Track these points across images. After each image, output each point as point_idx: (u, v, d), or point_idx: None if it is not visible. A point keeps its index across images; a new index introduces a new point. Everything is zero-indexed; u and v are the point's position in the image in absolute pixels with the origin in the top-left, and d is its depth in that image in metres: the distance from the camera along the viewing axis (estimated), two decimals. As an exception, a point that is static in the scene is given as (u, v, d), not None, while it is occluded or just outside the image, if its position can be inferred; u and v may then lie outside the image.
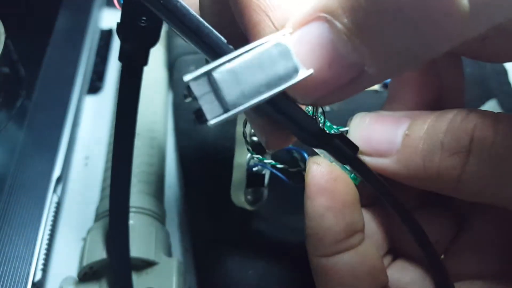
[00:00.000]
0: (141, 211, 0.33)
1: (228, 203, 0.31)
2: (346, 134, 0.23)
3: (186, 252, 0.36)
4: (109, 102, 0.45)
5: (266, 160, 0.27)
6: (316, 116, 0.22)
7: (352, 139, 0.21)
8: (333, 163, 0.22)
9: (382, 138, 0.22)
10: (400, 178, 0.22)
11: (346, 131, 0.23)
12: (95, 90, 0.46)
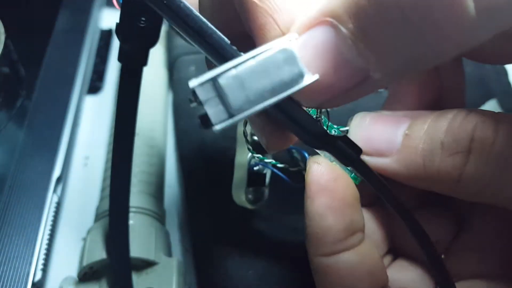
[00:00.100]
0: (141, 211, 0.33)
1: (228, 203, 0.31)
2: (346, 134, 0.23)
3: (186, 252, 0.36)
4: (109, 102, 0.45)
5: (266, 159, 0.27)
6: (319, 117, 0.22)
7: (352, 139, 0.21)
8: (333, 163, 0.22)
9: (382, 138, 0.22)
10: (400, 178, 0.22)
11: (346, 131, 0.23)
12: (95, 90, 0.46)
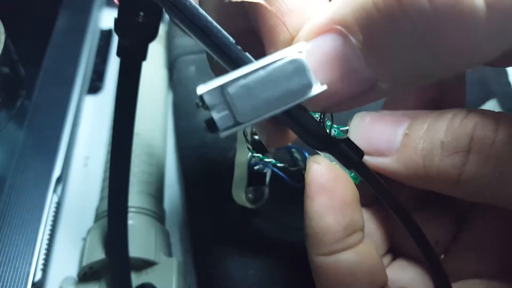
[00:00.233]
0: (140, 211, 0.33)
1: (228, 203, 0.31)
2: (346, 133, 0.23)
3: (186, 252, 0.36)
4: (109, 102, 0.45)
5: (266, 158, 0.27)
6: (322, 119, 0.22)
7: (352, 138, 0.21)
8: (333, 162, 0.22)
9: (382, 137, 0.22)
10: (400, 178, 0.22)
11: (346, 130, 0.23)
12: (95, 90, 0.46)
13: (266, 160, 0.27)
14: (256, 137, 0.28)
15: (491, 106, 0.40)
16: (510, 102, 0.41)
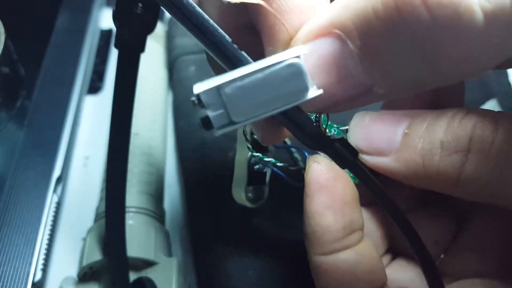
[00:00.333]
0: (140, 211, 0.33)
1: (228, 203, 0.31)
2: (346, 133, 0.23)
3: (186, 252, 0.36)
4: (109, 102, 0.44)
5: (266, 158, 0.27)
6: (318, 119, 0.22)
7: (352, 138, 0.21)
8: (333, 162, 0.22)
9: (382, 137, 0.22)
10: (399, 177, 0.22)
11: (346, 130, 0.23)
12: (95, 90, 0.46)
13: (266, 159, 0.27)
14: (255, 136, 0.28)
15: (491, 106, 0.40)
16: (510, 102, 0.41)
